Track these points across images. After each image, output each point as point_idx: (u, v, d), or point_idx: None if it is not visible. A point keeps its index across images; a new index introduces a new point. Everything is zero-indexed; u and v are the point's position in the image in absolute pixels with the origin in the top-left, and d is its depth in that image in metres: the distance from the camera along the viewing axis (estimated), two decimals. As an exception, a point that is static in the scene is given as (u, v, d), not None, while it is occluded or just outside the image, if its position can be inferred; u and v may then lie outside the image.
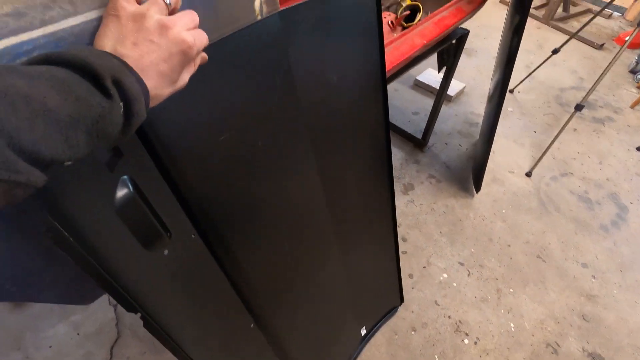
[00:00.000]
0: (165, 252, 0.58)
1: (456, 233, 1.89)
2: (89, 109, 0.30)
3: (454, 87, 2.62)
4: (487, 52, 3.11)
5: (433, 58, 1.72)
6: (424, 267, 1.76)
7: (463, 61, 2.89)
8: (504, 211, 2.00)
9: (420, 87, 2.68)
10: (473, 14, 1.58)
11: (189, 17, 0.40)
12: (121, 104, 0.32)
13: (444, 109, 2.55)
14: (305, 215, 0.89)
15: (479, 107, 2.58)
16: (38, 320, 1.53)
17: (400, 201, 2.00)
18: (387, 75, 1.31)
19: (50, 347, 1.46)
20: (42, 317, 1.54)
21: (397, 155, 2.24)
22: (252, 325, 0.85)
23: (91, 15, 0.41)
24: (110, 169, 0.46)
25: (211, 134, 0.58)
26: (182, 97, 0.51)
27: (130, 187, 0.49)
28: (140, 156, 0.50)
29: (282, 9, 0.61)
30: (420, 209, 1.98)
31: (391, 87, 2.68)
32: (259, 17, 0.59)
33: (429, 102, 2.47)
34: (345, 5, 0.73)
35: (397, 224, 1.90)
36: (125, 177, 0.49)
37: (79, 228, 0.46)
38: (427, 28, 1.38)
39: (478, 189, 2.04)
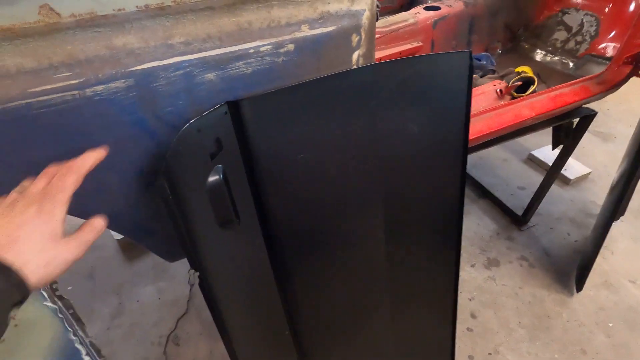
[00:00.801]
0: (232, 234, 0.71)
1: (540, 329, 1.64)
2: None
3: (576, 170, 2.35)
4: (627, 140, 2.71)
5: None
6: (490, 354, 1.57)
7: (596, 145, 2.58)
8: (610, 324, 1.67)
9: (534, 162, 2.48)
10: (602, 96, 1.46)
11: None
12: None
13: (559, 191, 2.30)
14: (363, 261, 0.92)
15: (603, 198, 2.25)
16: (136, 277, 1.87)
17: (479, 275, 1.85)
18: (483, 140, 1.30)
19: (137, 301, 1.76)
20: (140, 275, 1.88)
21: (489, 226, 2.09)
22: (286, 332, 0.92)
23: (231, 48, 0.59)
24: (212, 157, 0.62)
25: (292, 151, 0.71)
26: (280, 117, 0.65)
27: (221, 175, 0.64)
28: (234, 154, 0.65)
29: (375, 63, 0.73)
30: (501, 289, 1.79)
31: (499, 155, 2.56)
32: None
33: (540, 180, 2.27)
34: (438, 68, 0.80)
35: (470, 298, 1.76)
36: (219, 166, 0.64)
37: (181, 195, 0.63)
38: (540, 101, 1.34)
39: (580, 288, 1.76)
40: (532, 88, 1.35)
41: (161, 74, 0.55)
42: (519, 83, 1.35)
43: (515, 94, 1.36)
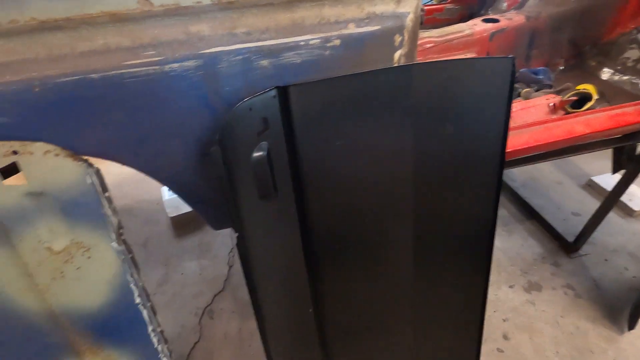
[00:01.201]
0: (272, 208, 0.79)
1: (579, 363, 1.53)
2: None
3: (642, 201, 2.15)
4: None
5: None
6: (519, 378, 1.50)
7: (669, 177, 2.34)
8: (664, 371, 1.51)
9: (594, 189, 2.31)
10: (673, 119, 1.35)
11: None
12: None
13: (620, 222, 2.12)
14: (389, 264, 0.94)
15: (672, 235, 2.03)
16: (183, 252, 2.05)
17: (517, 297, 1.77)
18: (529, 153, 1.27)
19: (182, 274, 1.93)
20: (186, 251, 2.05)
21: (534, 249, 1.99)
22: (310, 310, 0.98)
23: (285, 40, 0.67)
24: (258, 134, 0.71)
25: (330, 138, 0.77)
26: (322, 105, 0.72)
27: (265, 151, 0.73)
28: (278, 133, 0.73)
29: (415, 63, 0.77)
30: (540, 315, 1.70)
31: (554, 177, 2.42)
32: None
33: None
34: (478, 73, 0.82)
35: (504, 318, 1.69)
36: (264, 142, 0.73)
37: (231, 164, 0.72)
38: (598, 119, 1.28)
39: (632, 326, 1.61)
40: (588, 104, 1.30)
41: (224, 58, 0.65)
42: (574, 98, 1.30)
43: (569, 110, 1.32)
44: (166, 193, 2.22)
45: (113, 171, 1.10)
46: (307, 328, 1.02)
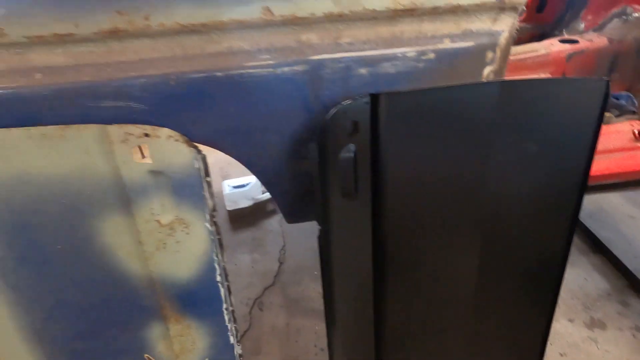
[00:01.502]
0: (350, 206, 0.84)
1: (646, 413, 1.41)
2: None
3: None
4: None
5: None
6: (575, 418, 1.41)
7: None
8: None
9: (673, 227, 2.12)
10: None
11: None
12: None
13: (703, 266, 1.93)
14: (453, 283, 0.95)
15: None
16: (237, 244, 2.17)
17: (577, 332, 1.67)
18: (605, 180, 1.22)
19: (235, 265, 2.04)
20: (241, 244, 2.16)
21: (599, 284, 1.87)
22: (370, 310, 1.01)
23: (383, 51, 0.73)
24: (349, 136, 0.76)
25: (412, 148, 0.81)
26: (410, 115, 0.76)
27: (352, 153, 0.78)
28: (365, 138, 0.78)
29: (504, 79, 0.79)
30: (603, 354, 1.59)
31: (626, 210, 2.25)
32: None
33: (677, 248, 1.94)
34: (568, 93, 0.82)
35: (562, 353, 1.60)
36: (352, 145, 0.78)
37: (323, 164, 0.78)
38: (689, 150, 1.20)
39: None
40: (680, 134, 1.22)
41: (328, 65, 0.72)
42: (664, 126, 1.23)
43: (657, 138, 1.25)
44: (227, 188, 2.36)
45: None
46: (365, 329, 1.05)
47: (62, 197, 0.75)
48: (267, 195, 2.33)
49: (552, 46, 1.71)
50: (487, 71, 0.79)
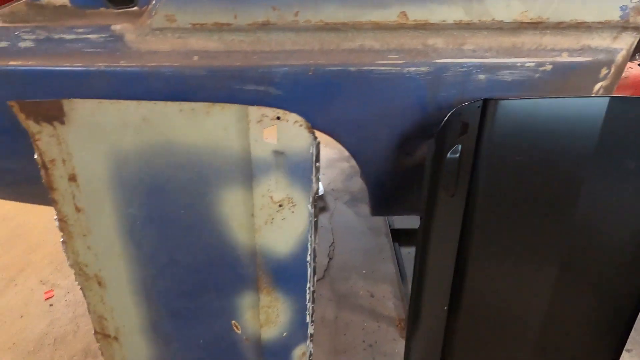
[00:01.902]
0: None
1: None
2: None
3: None
4: None
5: None
6: None
7: None
8: None
9: None
10: None
11: None
12: None
13: None
14: (529, 289, 0.98)
15: None
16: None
17: (635, 363, 1.62)
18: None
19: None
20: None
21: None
22: (445, 307, 1.05)
23: (503, 60, 0.77)
24: (458, 136, 0.81)
25: (513, 153, 0.84)
26: (516, 123, 0.80)
27: (458, 153, 0.83)
28: (471, 140, 0.83)
29: (613, 95, 0.82)
30: (661, 390, 1.53)
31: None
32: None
33: None
34: None
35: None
36: (459, 145, 0.83)
37: (438, 157, 0.84)
38: None
39: None
40: None
41: (450, 68, 0.77)
42: None
43: None
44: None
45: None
46: (437, 323, 1.08)
47: (195, 167, 0.84)
48: (319, 192, 2.40)
49: (631, 69, 1.69)
50: (598, 86, 0.82)
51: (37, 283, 2.02)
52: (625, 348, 1.70)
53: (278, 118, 0.80)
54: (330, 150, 3.02)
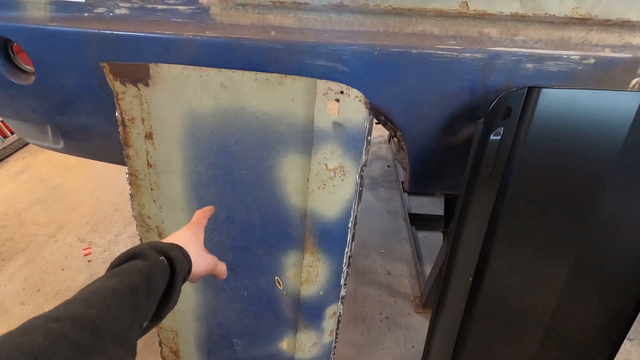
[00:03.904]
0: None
1: None
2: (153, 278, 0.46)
3: None
4: None
5: None
6: None
7: None
8: None
9: None
10: None
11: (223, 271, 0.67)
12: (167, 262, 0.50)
13: None
14: (548, 270, 1.07)
15: None
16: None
17: (636, 351, 1.71)
18: None
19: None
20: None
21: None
22: (470, 278, 1.15)
23: (551, 51, 0.85)
24: (502, 119, 0.90)
25: (550, 140, 0.93)
26: (557, 113, 0.88)
27: (500, 135, 0.91)
28: (513, 124, 0.91)
29: (651, 91, 0.89)
30: (659, 377, 1.64)
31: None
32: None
33: None
34: None
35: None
36: (501, 128, 0.91)
37: (484, 137, 0.92)
38: None
39: None
40: None
41: (502, 57, 0.85)
42: None
43: None
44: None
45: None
46: (458, 294, 1.18)
47: (262, 132, 0.94)
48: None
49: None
50: (635, 82, 0.90)
51: (75, 240, 2.16)
52: (627, 337, 1.80)
53: (341, 92, 0.89)
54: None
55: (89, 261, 2.02)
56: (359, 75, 0.88)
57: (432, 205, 2.42)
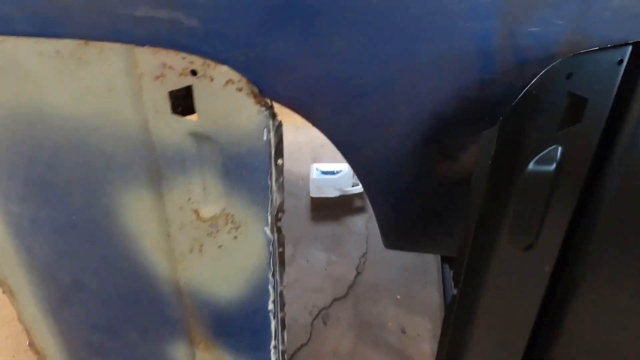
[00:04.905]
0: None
1: None
2: None
3: None
4: None
5: None
6: None
7: None
8: None
9: None
10: None
11: None
12: None
13: None
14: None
15: None
16: (314, 237, 1.90)
17: None
18: None
19: (307, 261, 1.78)
20: (318, 238, 1.89)
21: None
22: None
23: None
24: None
25: None
26: None
27: (557, 158, 0.38)
28: (601, 115, 0.38)
29: None
30: None
31: None
32: None
33: None
34: None
35: None
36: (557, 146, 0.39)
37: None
38: None
39: None
40: None
41: None
42: None
43: None
44: (314, 172, 2.10)
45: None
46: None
47: (78, 152, 0.52)
48: (358, 188, 2.00)
49: None
50: None
51: None
52: None
53: (193, 73, 0.43)
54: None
55: None
56: (227, 34, 0.42)
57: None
